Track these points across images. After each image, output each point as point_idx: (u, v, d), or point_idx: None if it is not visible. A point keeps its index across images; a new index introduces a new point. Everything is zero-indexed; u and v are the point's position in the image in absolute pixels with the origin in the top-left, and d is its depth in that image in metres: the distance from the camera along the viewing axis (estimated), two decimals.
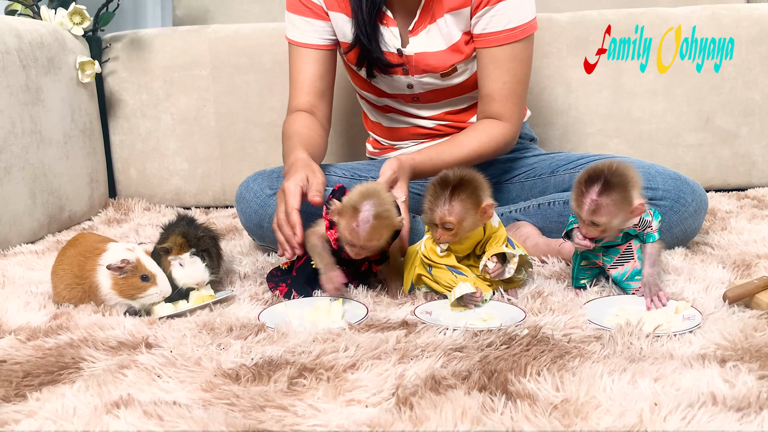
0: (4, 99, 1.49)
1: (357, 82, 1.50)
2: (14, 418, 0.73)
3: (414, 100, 1.46)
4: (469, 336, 0.93)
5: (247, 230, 1.41)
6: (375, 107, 1.54)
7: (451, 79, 1.41)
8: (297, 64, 1.43)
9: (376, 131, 1.59)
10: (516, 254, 1.10)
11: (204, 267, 1.11)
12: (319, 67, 1.43)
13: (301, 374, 0.81)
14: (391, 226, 1.06)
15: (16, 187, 1.53)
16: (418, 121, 1.50)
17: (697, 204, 1.29)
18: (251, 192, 1.35)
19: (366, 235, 1.03)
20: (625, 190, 1.02)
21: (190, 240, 1.11)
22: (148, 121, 1.97)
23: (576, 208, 1.05)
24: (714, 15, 1.87)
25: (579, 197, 1.04)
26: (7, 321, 1.03)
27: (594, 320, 0.98)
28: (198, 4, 2.17)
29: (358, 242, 1.04)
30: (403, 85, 1.43)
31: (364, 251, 1.06)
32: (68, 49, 1.75)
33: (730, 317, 0.97)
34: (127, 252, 1.06)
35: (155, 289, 1.05)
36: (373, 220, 1.03)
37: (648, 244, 1.08)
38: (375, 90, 1.48)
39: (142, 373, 0.83)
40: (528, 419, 0.70)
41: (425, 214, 1.09)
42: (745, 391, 0.74)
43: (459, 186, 1.05)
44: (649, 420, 0.69)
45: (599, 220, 1.03)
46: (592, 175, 1.03)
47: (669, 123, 1.92)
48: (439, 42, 1.37)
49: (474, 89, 1.44)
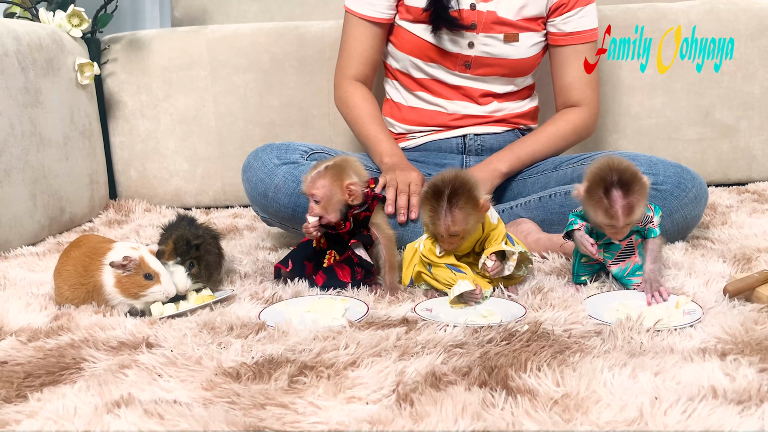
0: (3, 101, 1.49)
1: (407, 47, 1.51)
2: (15, 419, 0.73)
3: (466, 66, 1.49)
4: (470, 332, 0.93)
5: (252, 200, 1.41)
6: (412, 80, 1.54)
7: (512, 45, 1.47)
8: (354, 33, 1.52)
9: (394, 115, 1.59)
10: (515, 251, 1.10)
11: (185, 276, 1.10)
12: (376, 41, 1.52)
13: (301, 372, 0.81)
14: (338, 180, 1.13)
15: (16, 189, 1.53)
16: (449, 103, 1.52)
17: (697, 190, 1.30)
18: (259, 161, 1.37)
19: (312, 182, 1.13)
20: (639, 177, 1.03)
21: (179, 247, 1.11)
22: (148, 121, 1.97)
23: (608, 220, 1.02)
24: (713, 9, 1.87)
25: (607, 210, 1.01)
26: (8, 322, 1.03)
27: (594, 315, 0.98)
28: (196, 4, 2.17)
29: (306, 188, 1.14)
30: (465, 44, 1.47)
31: (317, 206, 1.13)
32: (67, 51, 1.76)
33: (731, 311, 0.97)
34: (132, 250, 1.06)
35: (158, 288, 1.05)
36: (323, 170, 1.13)
37: (649, 240, 1.08)
38: (428, 55, 1.49)
39: (143, 373, 0.83)
40: (528, 414, 0.70)
41: (427, 226, 1.10)
42: (745, 385, 0.74)
43: (454, 194, 1.05)
44: (650, 414, 0.69)
45: (635, 217, 1.03)
46: (605, 183, 1.01)
47: (668, 117, 1.92)
48: (510, 9, 1.46)
49: (519, 76, 1.53)
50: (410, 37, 1.48)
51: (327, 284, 1.16)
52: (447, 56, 1.48)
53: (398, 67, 1.55)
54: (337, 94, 1.57)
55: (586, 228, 1.09)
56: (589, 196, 1.04)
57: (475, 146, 1.54)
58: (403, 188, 1.32)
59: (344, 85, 1.54)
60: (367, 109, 1.51)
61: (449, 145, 1.55)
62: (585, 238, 1.08)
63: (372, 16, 1.49)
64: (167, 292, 1.06)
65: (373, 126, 1.48)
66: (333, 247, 1.18)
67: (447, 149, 1.55)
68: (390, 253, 1.16)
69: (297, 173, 1.33)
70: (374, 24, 1.50)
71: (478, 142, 1.54)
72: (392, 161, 1.40)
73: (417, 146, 1.56)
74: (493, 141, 1.55)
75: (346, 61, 1.54)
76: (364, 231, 1.17)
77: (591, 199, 1.03)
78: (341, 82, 1.55)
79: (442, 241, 1.08)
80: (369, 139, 1.48)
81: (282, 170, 1.34)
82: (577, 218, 1.10)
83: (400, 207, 1.30)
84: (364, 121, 1.50)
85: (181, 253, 1.11)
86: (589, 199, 1.04)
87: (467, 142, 1.54)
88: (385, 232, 1.18)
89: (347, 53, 1.54)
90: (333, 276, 1.16)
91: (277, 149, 1.38)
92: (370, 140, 1.48)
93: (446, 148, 1.55)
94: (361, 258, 1.15)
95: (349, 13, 1.52)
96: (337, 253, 1.18)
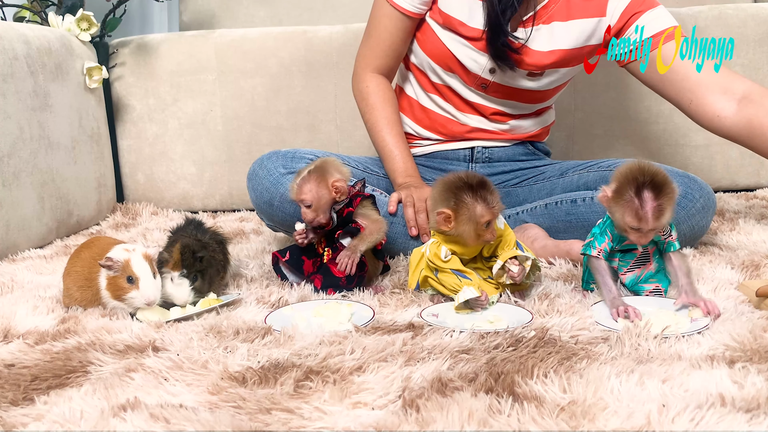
0: (12, 105, 1.50)
1: (430, 48, 1.46)
2: (22, 422, 0.73)
3: (482, 87, 1.45)
4: (476, 338, 0.93)
5: (257, 208, 1.40)
6: (428, 81, 1.50)
7: (535, 80, 1.43)
8: (386, 22, 1.45)
9: (405, 110, 1.55)
10: (530, 257, 1.10)
11: (189, 290, 1.09)
12: (406, 34, 1.47)
13: (307, 377, 0.81)
14: (322, 180, 1.15)
15: (25, 192, 1.54)
16: (461, 114, 1.49)
17: (704, 201, 1.29)
18: (265, 169, 1.36)
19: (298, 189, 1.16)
20: (670, 182, 1.00)
21: (186, 258, 1.09)
22: (156, 125, 1.98)
23: (636, 223, 1.00)
24: (721, 15, 1.86)
25: (636, 212, 0.99)
26: (16, 325, 1.03)
27: (601, 321, 0.97)
28: (204, 8, 2.18)
29: (294, 196, 1.17)
30: (487, 69, 1.42)
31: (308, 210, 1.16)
32: (76, 55, 1.77)
33: (739, 318, 0.97)
34: (123, 252, 1.05)
35: (136, 293, 1.03)
36: (306, 174, 1.16)
37: (672, 255, 1.05)
38: (447, 63, 1.45)
39: (149, 377, 0.83)
40: (535, 421, 0.70)
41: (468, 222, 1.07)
42: (754, 392, 0.74)
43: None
44: (657, 421, 0.68)
45: (664, 222, 1.01)
46: (637, 184, 0.99)
47: (676, 123, 1.91)
48: (543, 43, 1.39)
49: (536, 103, 1.48)
50: (434, 39, 1.44)
51: (325, 285, 1.16)
52: (466, 72, 1.44)
53: (416, 64, 1.51)
54: (356, 85, 1.51)
55: (605, 254, 1.06)
56: (617, 196, 1.01)
57: (483, 157, 1.53)
58: (421, 206, 1.32)
59: (366, 78, 1.49)
60: (386, 113, 1.47)
61: (456, 155, 1.54)
62: (602, 267, 1.05)
63: (407, 9, 1.42)
64: (147, 299, 1.04)
65: (389, 137, 1.45)
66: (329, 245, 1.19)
67: (454, 158, 1.54)
68: (369, 231, 1.17)
69: None
70: (407, 17, 1.43)
71: (486, 154, 1.53)
72: (406, 182, 1.40)
73: (424, 154, 1.55)
74: (501, 153, 1.53)
75: (372, 51, 1.48)
76: (352, 224, 1.18)
77: (620, 199, 1.01)
78: (363, 73, 1.50)
79: (484, 233, 1.07)
80: (384, 151, 1.46)
81: (288, 179, 1.32)
82: (597, 236, 1.07)
83: (422, 227, 1.32)
84: (382, 128, 1.46)
85: (188, 265, 1.09)
86: (618, 200, 1.01)
87: (475, 154, 1.53)
88: (373, 218, 1.19)
89: (375, 43, 1.47)
90: (329, 274, 1.16)
91: (283, 157, 1.37)
92: (386, 153, 1.46)
93: (453, 157, 1.54)
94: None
95: (384, 1, 1.44)
96: (331, 251, 1.19)
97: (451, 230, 1.08)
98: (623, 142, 1.93)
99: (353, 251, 1.15)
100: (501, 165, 1.54)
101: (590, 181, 1.40)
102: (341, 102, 1.94)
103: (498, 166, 1.53)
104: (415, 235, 1.32)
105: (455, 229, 1.08)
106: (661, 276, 1.09)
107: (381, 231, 1.18)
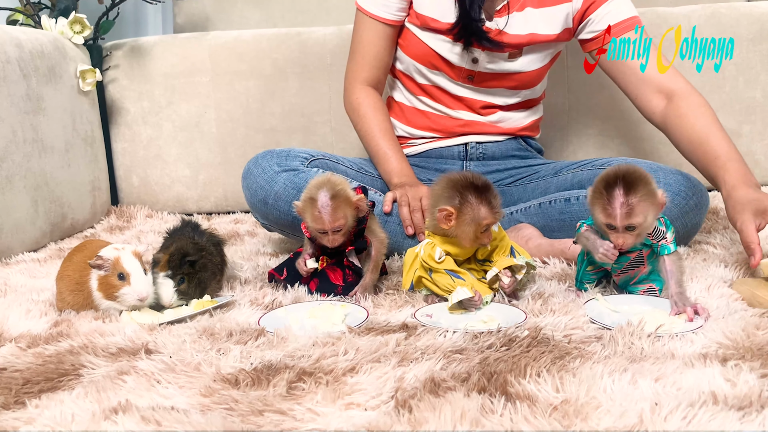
0: (5, 108, 1.50)
1: (413, 51, 1.49)
2: (13, 425, 0.73)
3: (469, 79, 1.47)
4: (469, 338, 0.92)
5: (252, 207, 1.41)
6: (415, 85, 1.53)
7: (516, 60, 1.45)
8: (367, 35, 1.49)
9: (396, 115, 1.57)
10: (524, 266, 1.10)
11: (172, 291, 1.09)
12: (389, 43, 1.49)
13: (300, 378, 0.81)
14: (348, 202, 1.12)
15: (18, 195, 1.53)
16: (453, 110, 1.51)
17: (698, 198, 1.29)
18: (259, 167, 1.36)
19: (329, 217, 1.09)
20: (648, 183, 1.00)
21: (172, 261, 1.09)
22: (150, 128, 1.97)
23: (605, 219, 1.00)
24: (714, 13, 1.86)
25: (605, 208, 1.00)
26: (9, 329, 1.03)
27: (595, 319, 0.97)
28: (198, 11, 2.18)
29: (325, 226, 1.10)
30: (469, 59, 1.45)
31: (337, 235, 1.12)
32: (69, 58, 1.76)
33: (732, 316, 0.97)
34: (112, 250, 1.05)
35: (128, 289, 1.04)
36: (331, 201, 1.09)
37: (666, 258, 1.03)
38: (431, 62, 1.47)
39: (141, 379, 0.82)
40: (527, 420, 0.69)
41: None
42: (746, 390, 0.74)
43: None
44: (650, 420, 0.68)
45: (635, 221, 0.99)
46: (608, 180, 1.00)
47: None
48: (520, 27, 1.42)
49: (525, 89, 1.51)
50: (416, 41, 1.47)
51: (320, 289, 1.17)
52: (450, 67, 1.47)
53: (402, 69, 1.53)
54: (347, 99, 1.54)
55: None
56: (593, 195, 1.03)
57: (477, 153, 1.54)
58: (416, 205, 1.32)
59: (356, 91, 1.51)
60: (378, 120, 1.48)
61: (451, 152, 1.54)
62: (592, 234, 1.05)
63: (386, 18, 1.46)
64: (139, 294, 1.04)
65: (383, 141, 1.46)
66: (325, 253, 1.19)
67: (448, 156, 1.54)
68: (378, 255, 1.18)
69: (297, 180, 1.32)
70: (387, 25, 1.47)
71: (480, 150, 1.54)
72: (401, 181, 1.40)
73: (418, 153, 1.56)
74: (495, 149, 1.54)
75: (359, 65, 1.51)
76: (360, 238, 1.18)
77: (594, 197, 1.02)
78: (353, 87, 1.52)
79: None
80: (378, 155, 1.46)
81: (282, 177, 1.33)
82: (584, 224, 1.09)
83: (417, 226, 1.33)
84: (375, 134, 1.47)
85: (173, 267, 1.09)
86: (593, 199, 1.03)
87: (469, 150, 1.54)
88: (378, 236, 1.19)
89: (360, 56, 1.50)
90: (325, 279, 1.16)
91: (278, 156, 1.37)
92: (380, 156, 1.46)
93: (447, 155, 1.54)
94: (352, 262, 1.17)
95: (362, 14, 1.48)
96: (328, 258, 1.18)
97: (450, 229, 1.08)
98: (617, 142, 1.93)
99: (368, 290, 1.15)
100: (495, 163, 1.54)
101: (584, 179, 1.40)
102: (336, 104, 1.94)
103: (492, 165, 1.54)
104: (411, 234, 1.32)
105: (455, 229, 1.08)
106: (656, 277, 1.09)
107: (384, 249, 1.19)
